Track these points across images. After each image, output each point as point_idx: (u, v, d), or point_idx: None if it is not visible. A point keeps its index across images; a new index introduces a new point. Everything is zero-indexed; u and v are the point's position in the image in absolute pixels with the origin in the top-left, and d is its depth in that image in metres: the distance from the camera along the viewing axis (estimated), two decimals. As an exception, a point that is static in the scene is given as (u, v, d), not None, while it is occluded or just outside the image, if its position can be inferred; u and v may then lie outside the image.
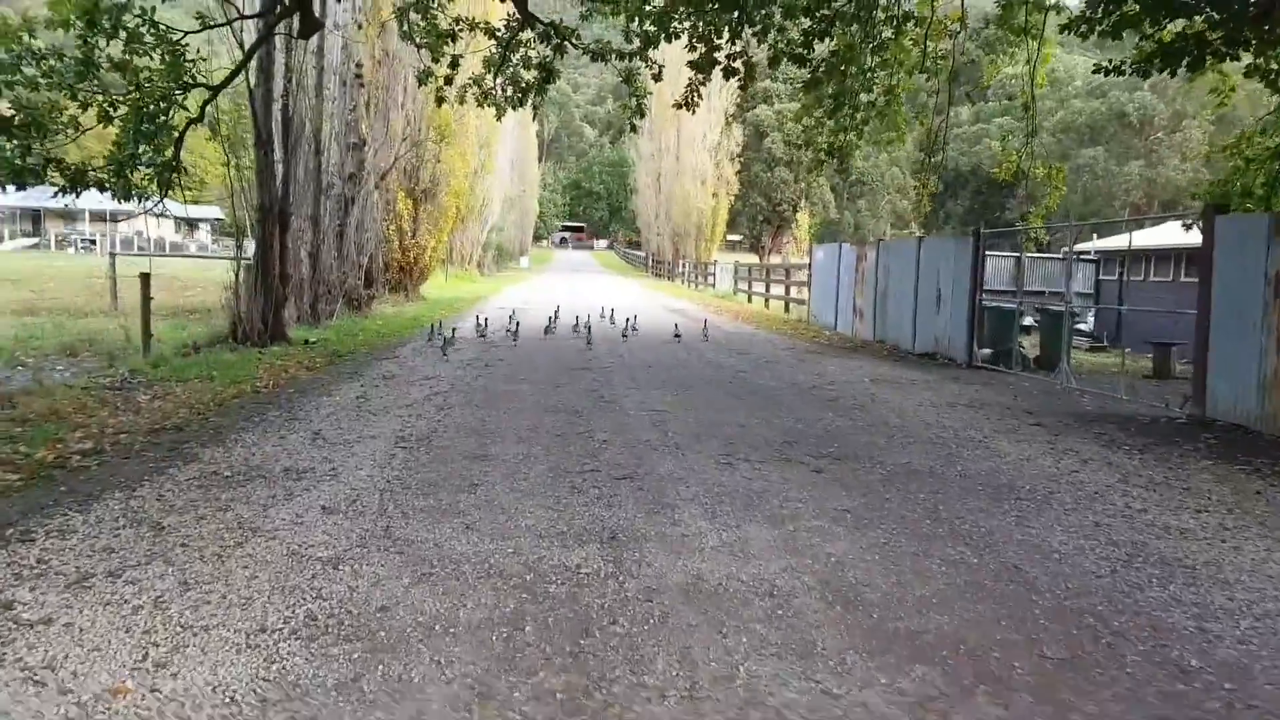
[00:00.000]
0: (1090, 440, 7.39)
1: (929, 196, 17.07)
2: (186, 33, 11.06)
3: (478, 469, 5.62)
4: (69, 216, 58.39)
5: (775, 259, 61.79)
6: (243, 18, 12.14)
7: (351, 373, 10.43)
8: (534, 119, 19.09)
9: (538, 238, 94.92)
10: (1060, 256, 24.11)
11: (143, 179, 10.99)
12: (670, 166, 53.92)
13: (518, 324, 14.94)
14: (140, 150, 10.80)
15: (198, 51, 10.95)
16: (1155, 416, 8.92)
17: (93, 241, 51.23)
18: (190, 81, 10.99)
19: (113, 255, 17.87)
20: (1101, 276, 22.39)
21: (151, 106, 10.71)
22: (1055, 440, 7.35)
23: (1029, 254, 24.15)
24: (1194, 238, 15.28)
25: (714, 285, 35.91)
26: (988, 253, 14.62)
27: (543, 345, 13.83)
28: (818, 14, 12.72)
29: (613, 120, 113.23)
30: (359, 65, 17.69)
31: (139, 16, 10.30)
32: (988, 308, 13.97)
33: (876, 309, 17.33)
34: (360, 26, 17.63)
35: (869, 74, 13.82)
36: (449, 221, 23.53)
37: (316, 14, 13.96)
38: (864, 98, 13.98)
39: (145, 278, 11.80)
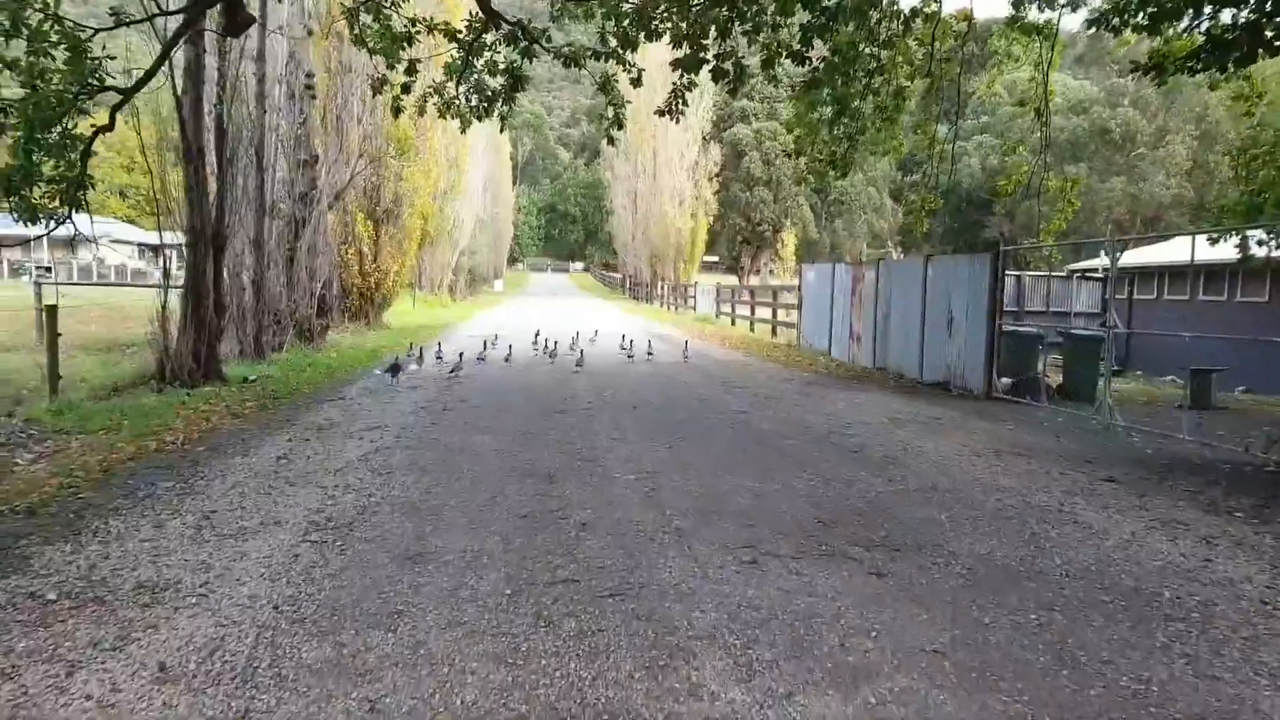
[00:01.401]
0: (1186, 503, 5.95)
1: (927, 214, 15.72)
2: (97, 30, 9.54)
3: (407, 581, 4.05)
4: (26, 244, 56.23)
5: (754, 280, 60.62)
6: (164, 14, 10.55)
7: (283, 420, 8.82)
8: (501, 130, 17.56)
9: (512, 260, 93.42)
10: (1064, 275, 22.98)
11: (43, 196, 9.45)
12: (647, 187, 52.60)
13: (486, 349, 13.37)
14: (35, 162, 9.24)
15: (103, 48, 9.42)
16: (1236, 463, 7.52)
17: (48, 269, 49.11)
18: (96, 84, 9.47)
19: (38, 285, 16.13)
20: (1109, 295, 21.19)
21: (49, 113, 9.16)
22: (1144, 503, 5.89)
23: (1030, 273, 23.00)
24: (1219, 252, 14.08)
25: (694, 308, 34.49)
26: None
27: (513, 379, 12.27)
28: (817, 7, 11.38)
29: (587, 142, 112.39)
30: (310, 75, 16.13)
31: (41, 11, 8.82)
32: (1005, 333, 12.59)
33: (877, 334, 15.94)
34: (310, 33, 16.10)
35: (873, 75, 12.49)
36: (413, 244, 21.92)
37: (251, 11, 12.45)
38: (869, 101, 12.64)
39: (51, 311, 10.14)
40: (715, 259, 67.15)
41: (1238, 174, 14.29)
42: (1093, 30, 12.62)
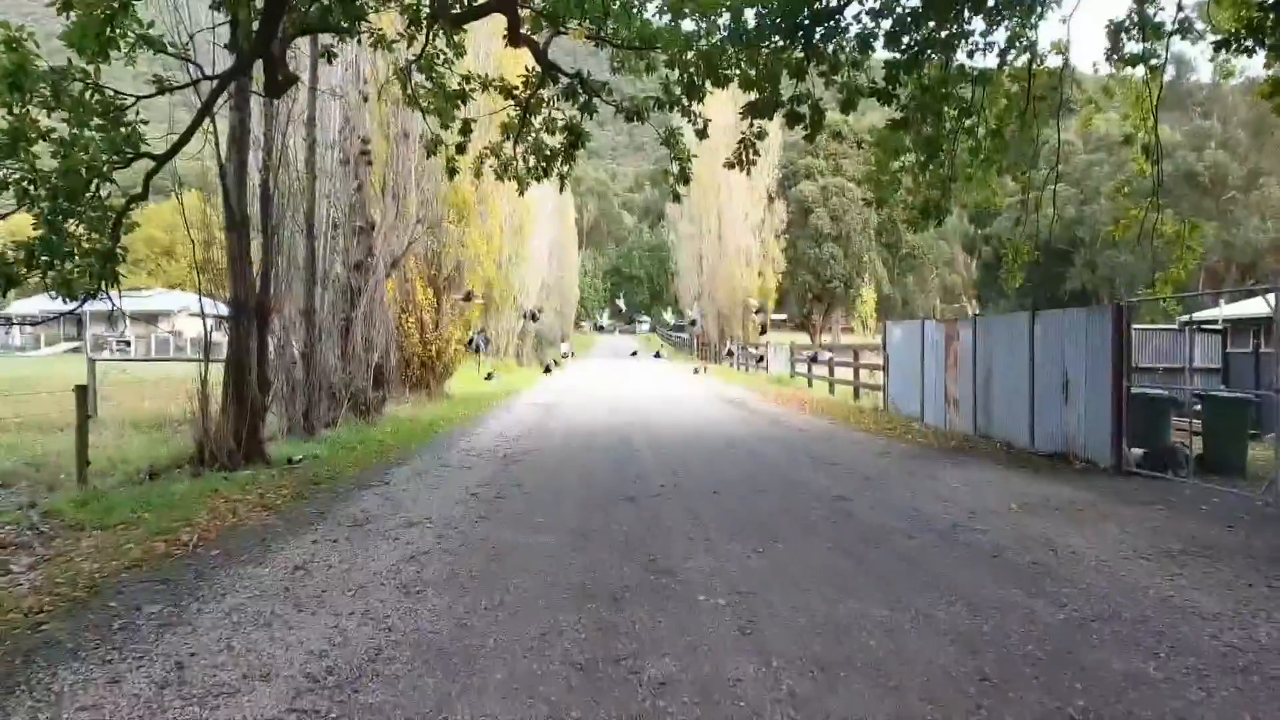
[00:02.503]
0: None
1: (1021, 266, 14.20)
2: (139, 98, 8.97)
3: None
4: (112, 320, 58.04)
5: (826, 338, 58.90)
6: (208, 78, 9.96)
7: (316, 513, 7.77)
8: (561, 191, 16.79)
9: (579, 323, 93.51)
10: (1176, 328, 20.97)
11: (73, 270, 8.79)
12: (712, 247, 51.83)
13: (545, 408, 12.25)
14: (65, 235, 8.61)
15: (137, 114, 8.82)
16: None
17: (128, 343, 50.44)
18: (130, 152, 8.84)
19: (92, 361, 15.74)
20: (1231, 349, 19.18)
21: (76, 182, 8.54)
22: None
23: (1137, 326, 21.07)
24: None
25: (767, 368, 33.08)
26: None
27: (575, 458, 11.10)
28: (903, 40, 10.27)
29: (651, 206, 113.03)
30: (365, 141, 15.61)
31: (81, 80, 8.28)
32: (1133, 396, 10.96)
33: (977, 398, 14.37)
34: (365, 99, 15.62)
35: (965, 114, 11.26)
36: (475, 311, 21.19)
37: (301, 74, 11.90)
38: (964, 142, 11.39)
39: (81, 392, 9.38)
40: (784, 317, 65.64)
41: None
42: (1220, 55, 11.28)
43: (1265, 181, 52.34)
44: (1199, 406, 13.12)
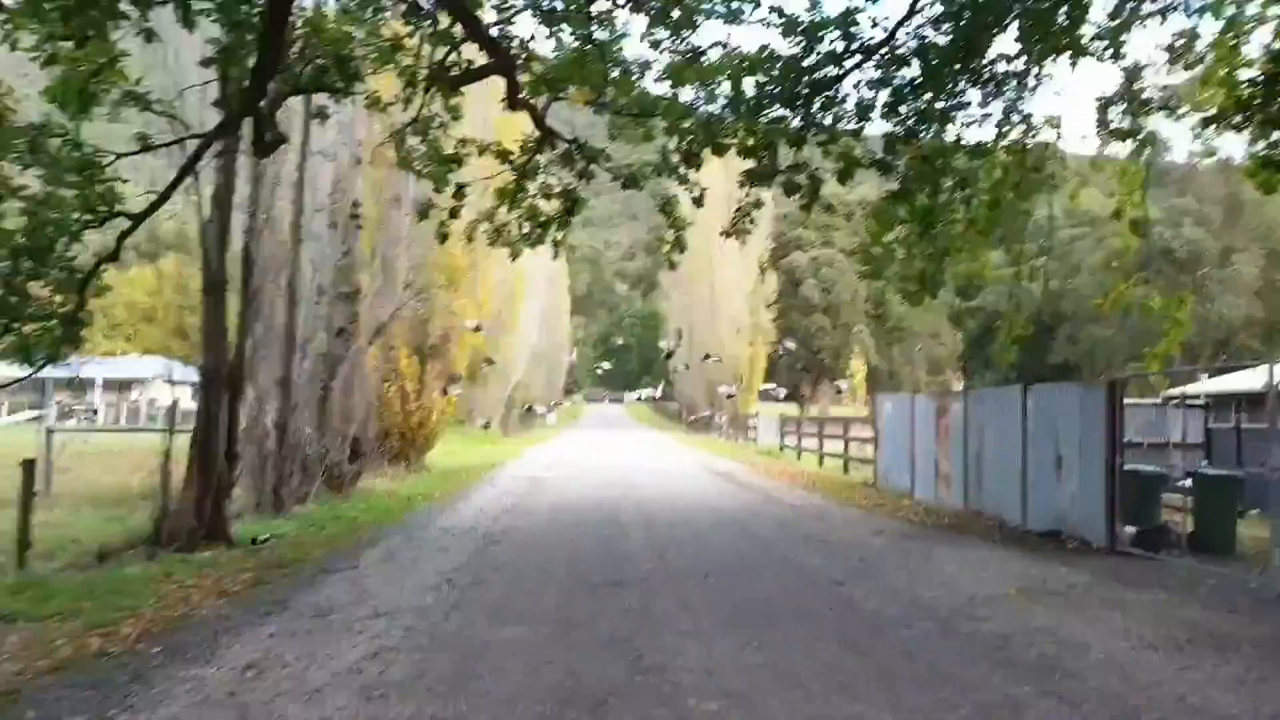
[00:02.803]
0: None
1: (1015, 340, 13.94)
2: (119, 155, 8.71)
3: None
4: (79, 386, 56.61)
5: (815, 410, 58.62)
6: (195, 136, 9.70)
7: (276, 601, 7.23)
8: (555, 257, 16.57)
9: (568, 391, 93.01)
10: (1159, 402, 20.67)
11: (33, 334, 8.40)
12: (703, 317, 51.80)
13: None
14: (22, 295, 8.30)
15: (114, 171, 8.56)
16: None
17: (95, 412, 49.32)
18: (106, 210, 8.55)
19: (49, 431, 15.17)
20: (1213, 424, 18.83)
21: (42, 240, 8.26)
22: None
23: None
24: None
25: (756, 439, 32.66)
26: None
27: (559, 537, 10.60)
28: (901, 110, 10.17)
29: (643, 275, 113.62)
30: (356, 205, 15.39)
31: (60, 136, 8.03)
32: (1126, 473, 10.60)
33: (969, 473, 13.99)
34: (359, 162, 15.47)
35: (961, 185, 11.13)
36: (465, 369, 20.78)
37: (287, 132, 11.70)
38: (960, 213, 11.26)
39: (28, 468, 8.85)
40: (772, 386, 65.42)
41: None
42: (1208, 129, 11.27)
43: (1238, 259, 53.07)
44: (1186, 483, 12.79)
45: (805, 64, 10.02)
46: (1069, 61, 11.03)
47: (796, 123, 10.62)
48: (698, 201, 11.56)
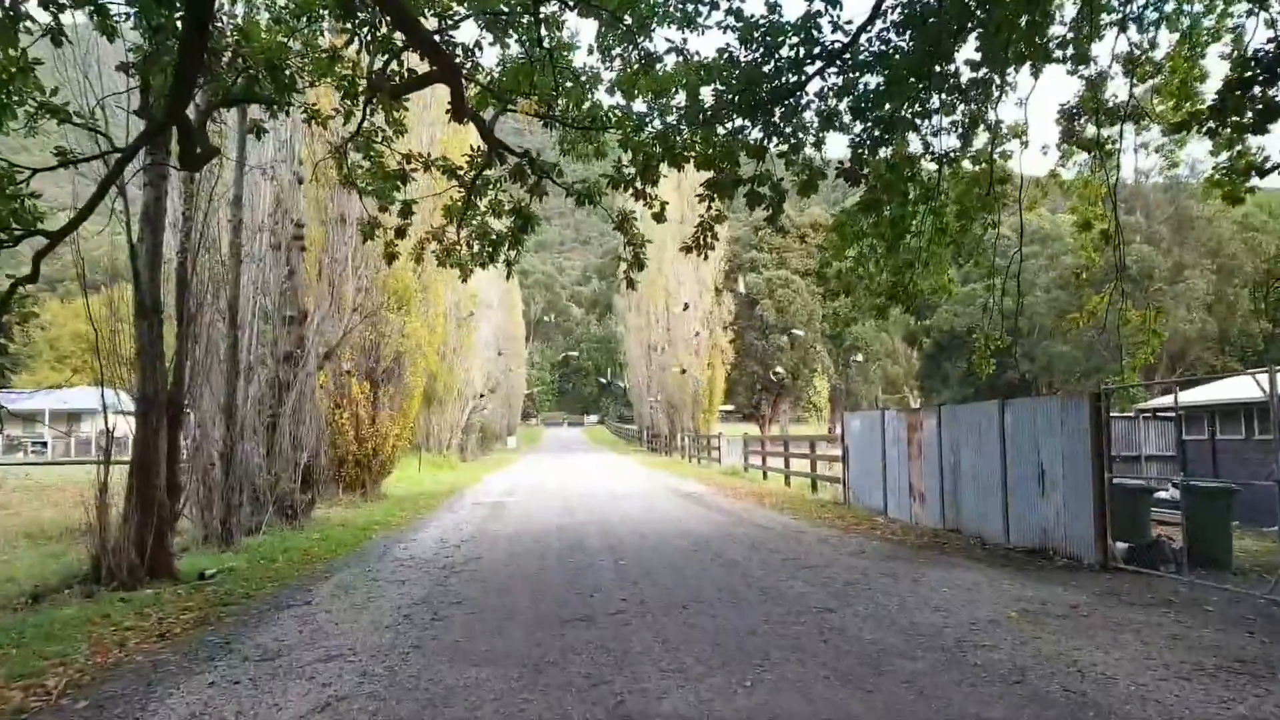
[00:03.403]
0: None
1: (993, 354, 13.76)
2: (35, 170, 8.10)
3: None
4: (28, 418, 54.65)
5: (775, 429, 58.51)
6: (117, 151, 9.06)
7: (219, 645, 6.59)
8: (508, 277, 16.00)
9: (526, 416, 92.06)
10: (1130, 415, 20.77)
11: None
12: (660, 338, 51.53)
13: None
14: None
15: (26, 186, 7.95)
16: None
17: (44, 445, 47.54)
18: (21, 229, 7.92)
19: (-16, 464, 14.17)
20: (1186, 436, 18.96)
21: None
22: None
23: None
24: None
25: (719, 460, 32.27)
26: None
27: (523, 567, 10.02)
28: (867, 118, 9.91)
29: (599, 299, 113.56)
30: (299, 225, 14.77)
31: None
32: (1114, 487, 10.37)
33: (945, 490, 13.72)
34: (301, 181, 14.86)
35: (930, 195, 10.93)
36: (414, 404, 20.09)
37: (222, 146, 11.11)
38: (929, 223, 11.03)
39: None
40: (731, 408, 65.30)
41: (1257, 307, 12.75)
42: (1181, 134, 11.23)
43: (1189, 274, 54.27)
44: (1170, 495, 12.65)
45: (765, 70, 9.72)
46: (1030, 71, 10.95)
47: (757, 133, 10.32)
48: (658, 216, 11.14)
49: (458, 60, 9.65)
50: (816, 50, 9.77)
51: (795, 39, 9.63)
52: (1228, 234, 55.48)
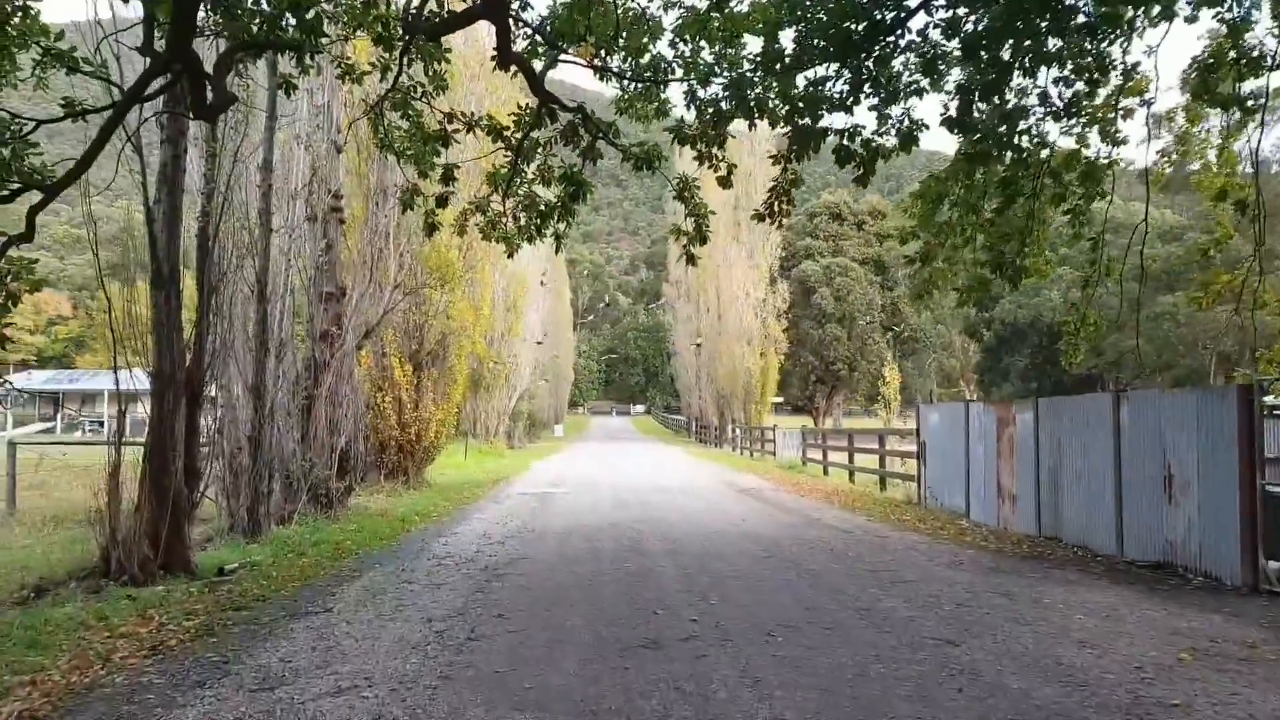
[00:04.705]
0: None
1: (1089, 336, 12.25)
2: (40, 122, 7.18)
3: None
4: (89, 398, 55.34)
5: (828, 421, 56.74)
6: (130, 101, 8.05)
7: (215, 665, 5.53)
8: (557, 252, 14.78)
9: (573, 404, 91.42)
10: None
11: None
12: (711, 326, 50.05)
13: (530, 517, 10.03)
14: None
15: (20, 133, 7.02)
16: None
17: (101, 424, 48.01)
18: (18, 181, 7.01)
19: (12, 445, 13.49)
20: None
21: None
22: None
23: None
24: None
25: (774, 453, 30.84)
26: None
27: (574, 572, 8.85)
28: (984, 56, 8.47)
29: (646, 288, 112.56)
30: (337, 196, 13.77)
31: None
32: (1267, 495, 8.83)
33: (1041, 493, 12.25)
34: (340, 150, 13.86)
35: (1041, 148, 9.46)
36: (459, 389, 19.10)
37: (246, 102, 10.08)
38: (1040, 187, 9.57)
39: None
40: (781, 399, 63.62)
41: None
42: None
43: (1280, 264, 51.19)
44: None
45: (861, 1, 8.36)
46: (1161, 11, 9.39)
47: (841, 85, 8.99)
48: (723, 181, 9.94)
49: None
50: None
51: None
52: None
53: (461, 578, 8.48)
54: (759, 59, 8.99)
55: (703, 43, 9.23)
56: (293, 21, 7.72)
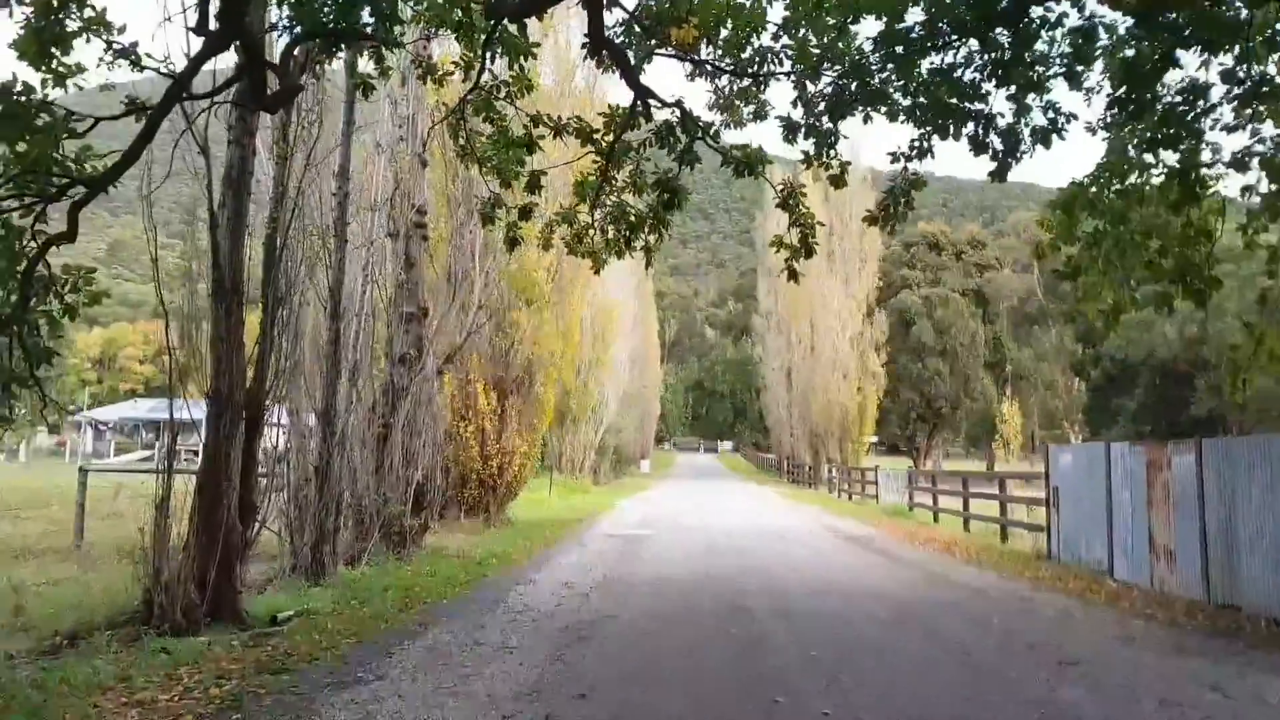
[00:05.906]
0: None
1: (1260, 366, 10.38)
2: (99, 119, 6.48)
3: None
4: (193, 427, 56.88)
5: (929, 463, 53.93)
6: (193, 98, 7.33)
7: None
8: (647, 267, 13.58)
9: (660, 439, 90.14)
10: None
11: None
12: (804, 360, 48.20)
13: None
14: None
15: (65, 123, 6.26)
16: None
17: (196, 453, 49.02)
18: (64, 176, 6.32)
19: (83, 472, 13.09)
20: None
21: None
22: None
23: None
24: None
25: (876, 496, 28.89)
26: None
27: (671, 636, 7.58)
28: (1160, 25, 7.04)
29: (734, 321, 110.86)
30: (420, 211, 13.03)
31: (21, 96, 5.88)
32: None
33: (1208, 550, 10.36)
34: (425, 164, 13.14)
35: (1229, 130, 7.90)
36: (545, 420, 18.12)
37: (315, 102, 9.33)
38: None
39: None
40: (876, 439, 60.94)
41: None
42: None
43: None
44: None
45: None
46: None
47: (971, 74, 7.73)
48: (836, 180, 8.77)
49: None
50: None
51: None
52: None
53: (538, 639, 7.31)
54: (880, 39, 7.81)
55: (809, 34, 8.07)
56: (367, 9, 6.93)
